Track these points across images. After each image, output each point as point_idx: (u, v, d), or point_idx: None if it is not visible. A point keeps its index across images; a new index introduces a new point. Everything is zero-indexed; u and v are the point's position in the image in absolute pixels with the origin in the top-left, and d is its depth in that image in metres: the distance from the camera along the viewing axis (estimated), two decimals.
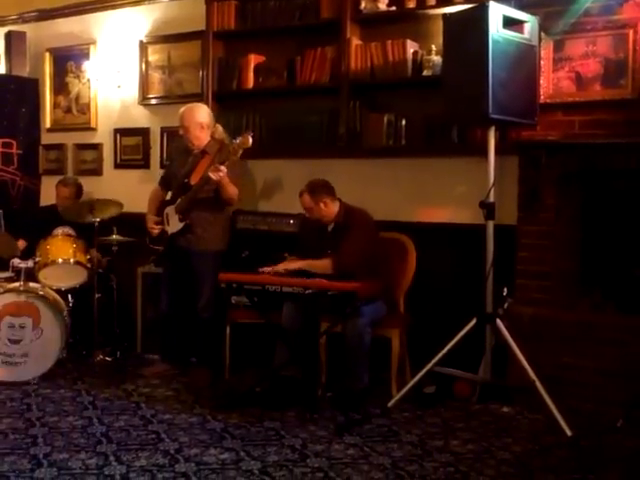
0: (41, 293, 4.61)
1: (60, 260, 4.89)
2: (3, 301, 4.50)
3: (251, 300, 4.22)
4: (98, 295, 5.00)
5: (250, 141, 4.29)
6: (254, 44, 5.22)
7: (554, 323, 4.12)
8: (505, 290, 4.01)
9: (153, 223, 4.74)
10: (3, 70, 6.35)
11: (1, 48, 6.37)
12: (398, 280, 4.46)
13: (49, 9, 6.25)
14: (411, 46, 4.60)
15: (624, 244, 4.25)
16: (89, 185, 5.78)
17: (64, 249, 4.93)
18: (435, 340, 4.03)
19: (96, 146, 6.14)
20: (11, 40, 6.25)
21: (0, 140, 6.18)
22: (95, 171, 6.13)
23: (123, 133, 5.98)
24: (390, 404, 4.05)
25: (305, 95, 5.04)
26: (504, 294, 4.00)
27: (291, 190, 4.77)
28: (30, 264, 4.73)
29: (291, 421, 3.86)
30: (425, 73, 4.55)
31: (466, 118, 4.18)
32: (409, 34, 4.62)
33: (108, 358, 5.02)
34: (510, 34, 3.91)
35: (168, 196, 4.80)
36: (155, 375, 4.71)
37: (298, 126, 4.99)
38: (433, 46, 4.52)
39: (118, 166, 6.04)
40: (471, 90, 3.87)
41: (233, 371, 4.71)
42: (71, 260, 4.91)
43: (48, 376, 4.53)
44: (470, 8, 4.05)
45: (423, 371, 4.01)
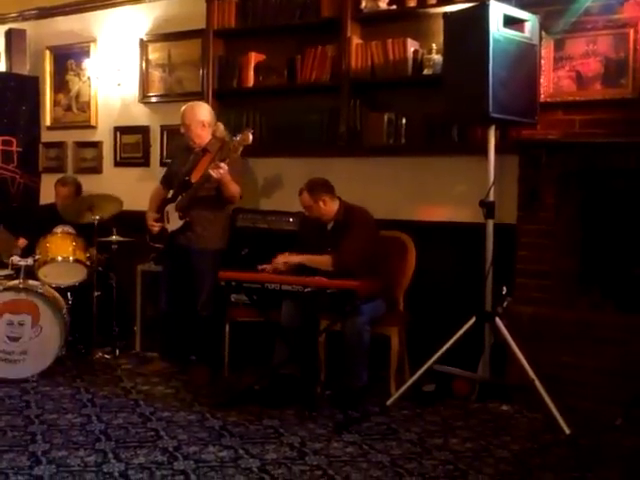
0: (40, 291, 4.61)
1: (60, 258, 4.90)
2: (2, 299, 4.50)
3: (250, 298, 4.24)
4: (97, 293, 5.02)
5: (250, 138, 4.29)
6: (254, 42, 5.22)
7: (553, 322, 4.12)
8: (504, 289, 4.00)
9: (153, 220, 4.74)
10: (3, 68, 6.35)
11: (1, 46, 6.37)
12: (398, 278, 4.45)
13: (49, 7, 6.25)
14: (411, 45, 4.60)
15: (624, 243, 4.25)
16: (89, 183, 5.78)
17: (64, 247, 4.94)
18: (434, 338, 4.03)
19: (96, 144, 6.14)
20: (11, 38, 6.25)
21: (0, 138, 6.18)
22: (95, 169, 6.14)
23: (123, 131, 5.98)
24: (389, 402, 4.05)
25: (305, 94, 5.04)
26: (503, 293, 4.00)
27: (291, 188, 4.77)
28: (30, 262, 4.73)
29: (290, 419, 3.85)
30: (425, 72, 4.56)
31: (466, 117, 4.18)
32: (410, 33, 4.63)
33: (107, 356, 5.04)
34: (511, 33, 3.91)
35: (169, 194, 4.81)
36: (154, 373, 4.71)
37: (298, 125, 4.98)
38: (433, 45, 4.52)
39: (118, 164, 6.05)
40: (471, 89, 3.87)
41: (232, 369, 4.70)
42: (70, 258, 4.92)
43: (47, 374, 4.52)
44: (471, 7, 4.06)
45: (422, 369, 4.01)
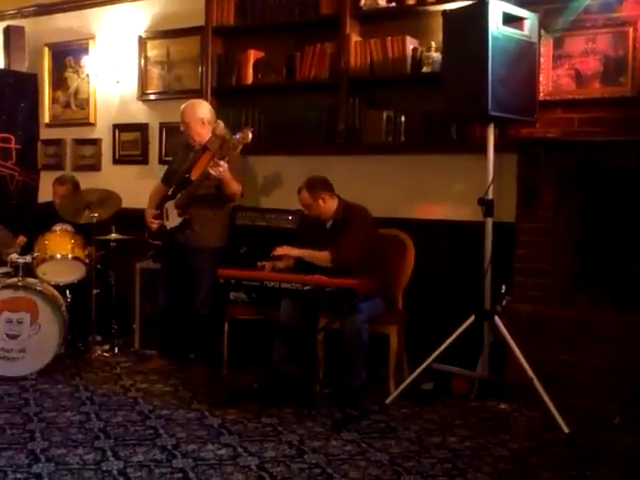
0: (39, 288, 4.60)
1: (58, 255, 4.90)
2: (1, 296, 4.49)
3: (249, 296, 4.23)
4: (96, 291, 5.01)
5: (250, 136, 4.30)
6: (253, 40, 5.22)
7: (552, 320, 4.12)
8: (503, 287, 4.00)
9: (152, 217, 4.74)
10: (2, 65, 6.34)
11: (0, 43, 6.34)
12: (396, 277, 4.45)
13: (48, 4, 6.25)
14: (411, 42, 4.60)
15: (622, 242, 4.26)
16: (87, 180, 5.76)
17: (62, 244, 4.93)
18: (433, 337, 4.03)
19: (95, 141, 6.14)
20: (10, 35, 6.24)
21: None
22: (94, 166, 6.13)
23: (122, 128, 5.97)
24: (388, 401, 4.04)
25: (304, 91, 5.03)
26: (502, 291, 4.00)
27: (290, 186, 4.77)
28: (28, 259, 4.72)
29: (289, 417, 3.86)
30: (424, 70, 4.55)
31: (465, 115, 4.18)
32: (409, 30, 4.62)
33: (106, 354, 5.03)
34: (510, 31, 3.90)
35: (169, 192, 4.80)
36: (153, 371, 4.71)
37: (297, 122, 4.98)
38: (433, 43, 4.52)
39: (117, 162, 6.04)
40: (470, 87, 3.86)
41: (231, 367, 4.70)
42: (69, 255, 4.92)
43: (46, 371, 4.52)
44: (470, 5, 4.05)
45: (421, 368, 4.01)
